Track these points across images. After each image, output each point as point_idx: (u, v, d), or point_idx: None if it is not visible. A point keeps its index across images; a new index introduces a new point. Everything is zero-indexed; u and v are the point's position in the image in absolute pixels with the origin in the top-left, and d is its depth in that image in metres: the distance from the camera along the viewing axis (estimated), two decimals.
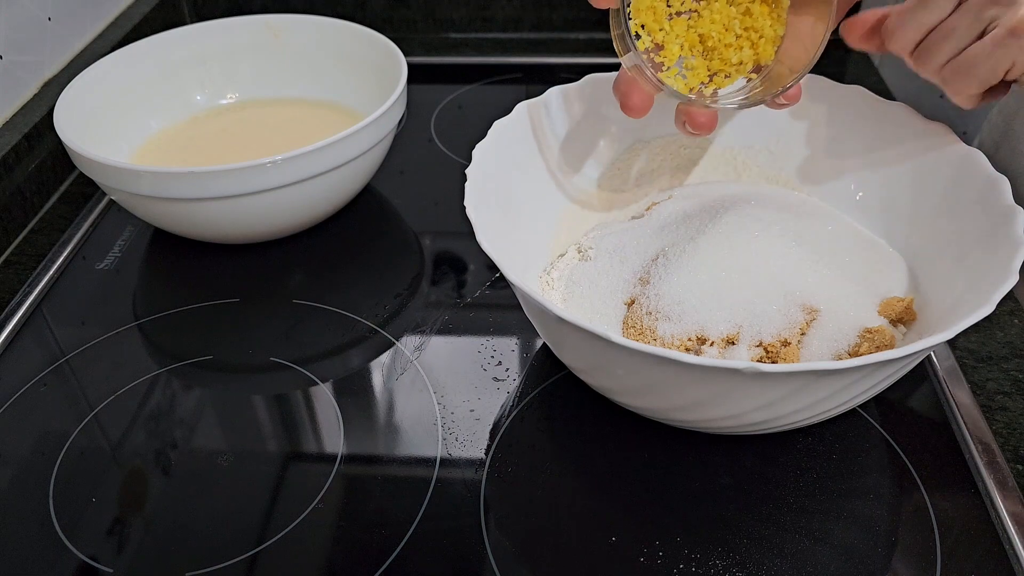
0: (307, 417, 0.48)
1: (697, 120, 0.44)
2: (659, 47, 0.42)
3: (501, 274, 0.41)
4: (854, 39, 0.44)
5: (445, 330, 0.53)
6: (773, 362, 0.42)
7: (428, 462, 0.45)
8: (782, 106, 0.44)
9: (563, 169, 0.54)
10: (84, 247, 0.62)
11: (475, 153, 0.47)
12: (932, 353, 0.49)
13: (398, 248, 0.61)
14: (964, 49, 0.40)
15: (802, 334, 0.43)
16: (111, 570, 0.40)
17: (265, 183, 0.53)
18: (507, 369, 0.50)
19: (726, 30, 0.42)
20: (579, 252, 0.51)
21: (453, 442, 0.46)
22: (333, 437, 0.47)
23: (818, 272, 0.45)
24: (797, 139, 0.54)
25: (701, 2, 0.42)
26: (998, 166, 0.45)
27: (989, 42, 0.39)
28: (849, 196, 0.52)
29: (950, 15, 0.40)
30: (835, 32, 0.42)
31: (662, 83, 0.41)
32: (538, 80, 0.83)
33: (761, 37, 0.42)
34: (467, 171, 0.46)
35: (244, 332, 0.54)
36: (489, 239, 0.41)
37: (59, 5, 0.74)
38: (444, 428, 0.46)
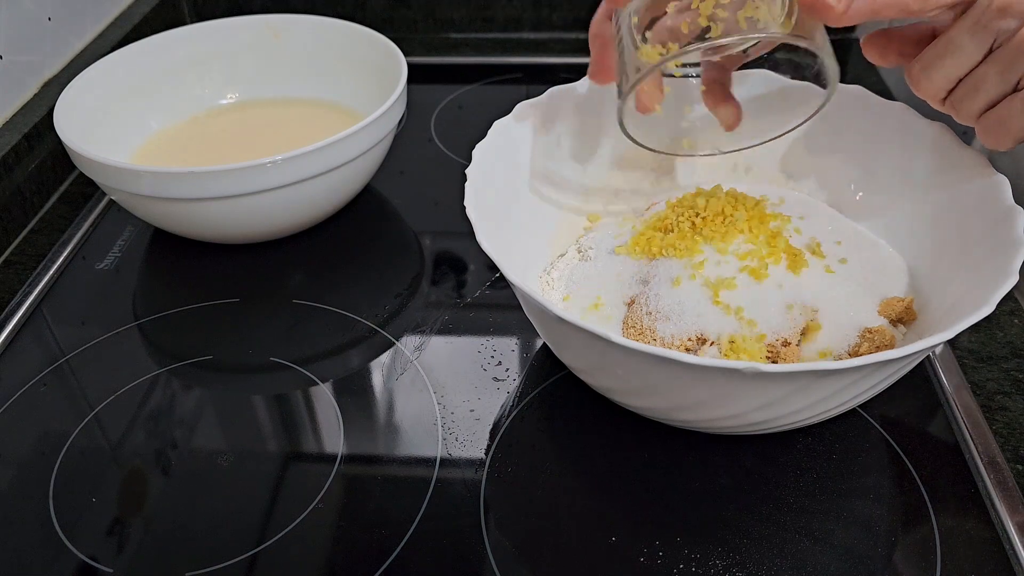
0: (307, 417, 0.48)
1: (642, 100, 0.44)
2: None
3: (501, 274, 0.41)
4: (874, 57, 0.42)
5: (445, 330, 0.53)
6: (773, 362, 0.42)
7: (428, 462, 0.45)
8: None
9: (563, 169, 0.54)
10: (84, 247, 0.62)
11: (475, 153, 0.47)
12: (932, 353, 0.49)
13: (398, 248, 0.61)
14: (998, 102, 0.38)
15: (802, 334, 0.43)
16: (111, 570, 0.40)
17: (265, 183, 0.53)
18: (507, 369, 0.50)
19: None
20: (579, 252, 0.51)
21: (453, 442, 0.46)
22: (333, 437, 0.47)
23: (818, 272, 0.45)
24: (797, 139, 0.54)
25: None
26: (998, 166, 0.45)
27: (1020, 101, 0.37)
28: (849, 196, 0.52)
29: (979, 65, 0.38)
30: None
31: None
32: (538, 80, 0.83)
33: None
34: (467, 171, 0.46)
35: (244, 332, 0.54)
36: (489, 239, 0.41)
37: (59, 5, 0.74)
38: (444, 428, 0.46)
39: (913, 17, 0.38)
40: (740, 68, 0.50)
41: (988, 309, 0.36)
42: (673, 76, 0.46)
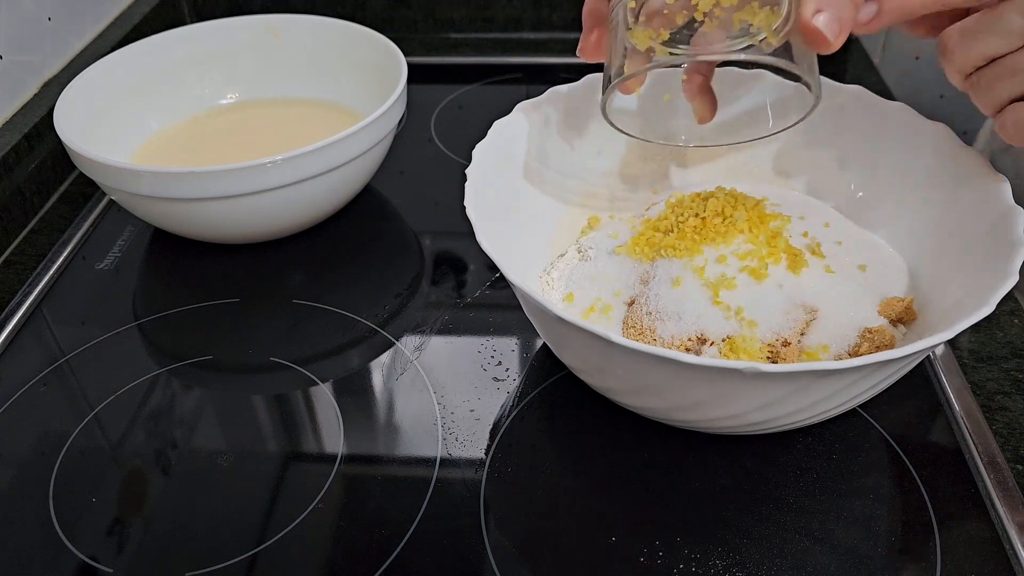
0: (307, 417, 0.48)
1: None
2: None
3: (501, 274, 0.41)
4: (904, 27, 0.40)
5: (445, 330, 0.53)
6: (773, 362, 0.42)
7: (428, 462, 0.45)
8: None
9: (563, 169, 0.54)
10: (84, 247, 0.62)
11: (475, 153, 0.47)
12: (932, 353, 0.49)
13: (398, 248, 0.61)
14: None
15: (802, 334, 0.43)
16: (111, 570, 0.40)
17: (265, 183, 0.53)
18: (507, 369, 0.50)
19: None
20: (579, 252, 0.51)
21: (453, 442, 0.46)
22: (333, 437, 0.47)
23: (818, 272, 0.45)
24: (797, 139, 0.54)
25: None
26: (998, 166, 0.45)
27: None
28: (849, 196, 0.52)
29: (1019, 50, 0.35)
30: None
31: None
32: (538, 80, 0.83)
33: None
34: (467, 171, 0.46)
35: (244, 332, 0.54)
36: (489, 239, 0.41)
37: (59, 5, 0.74)
38: (444, 428, 0.46)
39: (958, 6, 0.36)
40: (726, 65, 0.50)
41: (988, 309, 0.36)
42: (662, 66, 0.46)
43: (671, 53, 0.41)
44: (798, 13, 0.37)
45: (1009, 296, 0.52)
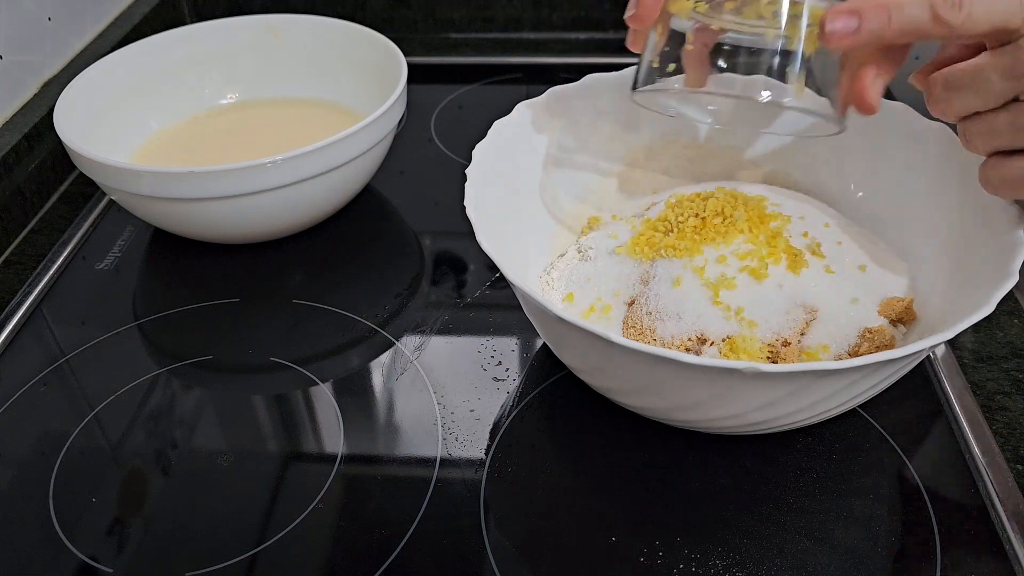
0: (307, 417, 0.48)
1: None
2: None
3: (501, 274, 0.41)
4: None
5: (445, 330, 0.53)
6: (773, 362, 0.42)
7: (428, 462, 0.45)
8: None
9: (563, 169, 0.54)
10: (84, 247, 0.62)
11: (475, 153, 0.47)
12: (932, 353, 0.49)
13: (398, 248, 0.61)
14: (1008, 154, 0.37)
15: (802, 334, 0.43)
16: (111, 570, 0.40)
17: (265, 183, 0.53)
18: (507, 369, 0.50)
19: None
20: (579, 252, 0.51)
21: (453, 442, 0.46)
22: (333, 437, 0.47)
23: (818, 272, 0.45)
24: (797, 139, 0.54)
25: None
26: None
27: (1018, 164, 0.36)
28: (849, 196, 0.52)
29: (998, 109, 0.36)
30: None
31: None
32: (538, 80, 0.83)
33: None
34: (467, 171, 0.46)
35: (244, 332, 0.54)
36: (489, 239, 0.41)
37: (59, 5, 0.74)
38: (444, 428, 0.46)
39: (931, 38, 0.36)
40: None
41: (988, 309, 0.36)
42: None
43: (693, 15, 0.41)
44: (854, 79, 0.38)
45: (1009, 296, 0.52)
